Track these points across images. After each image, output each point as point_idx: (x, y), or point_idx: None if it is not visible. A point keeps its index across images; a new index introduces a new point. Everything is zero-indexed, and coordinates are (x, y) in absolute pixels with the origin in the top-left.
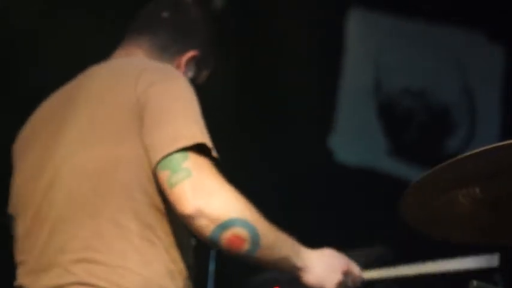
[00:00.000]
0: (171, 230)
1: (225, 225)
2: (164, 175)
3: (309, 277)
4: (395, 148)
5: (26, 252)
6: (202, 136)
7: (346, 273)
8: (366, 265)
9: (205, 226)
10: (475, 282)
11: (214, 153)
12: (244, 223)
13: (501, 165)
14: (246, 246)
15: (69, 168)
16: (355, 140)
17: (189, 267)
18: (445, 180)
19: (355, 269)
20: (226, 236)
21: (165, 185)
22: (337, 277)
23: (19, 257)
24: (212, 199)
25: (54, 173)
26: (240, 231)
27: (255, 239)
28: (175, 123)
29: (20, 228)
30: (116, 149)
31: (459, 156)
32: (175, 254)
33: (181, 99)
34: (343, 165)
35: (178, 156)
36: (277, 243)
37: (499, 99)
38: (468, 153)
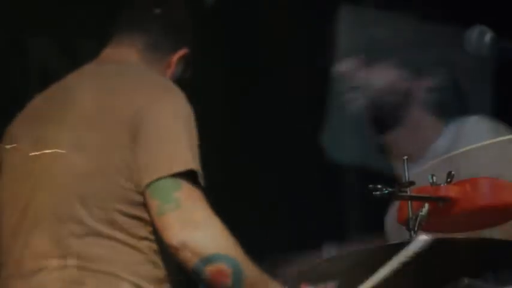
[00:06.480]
0: (156, 237)
1: (208, 260)
2: (154, 202)
3: None
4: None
5: (5, 254)
6: (194, 162)
7: None
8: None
9: (189, 259)
10: (466, 280)
11: (201, 181)
12: (228, 259)
13: None
14: (228, 282)
15: (58, 173)
16: (347, 138)
17: (176, 271)
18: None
19: None
20: (210, 270)
21: (154, 212)
22: None
23: (1, 257)
24: (198, 233)
25: (42, 175)
26: (224, 267)
27: (238, 275)
28: (169, 146)
29: (5, 228)
30: (106, 158)
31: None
32: (161, 259)
33: (177, 120)
34: (335, 164)
35: (169, 183)
36: (260, 282)
37: (489, 97)
38: None
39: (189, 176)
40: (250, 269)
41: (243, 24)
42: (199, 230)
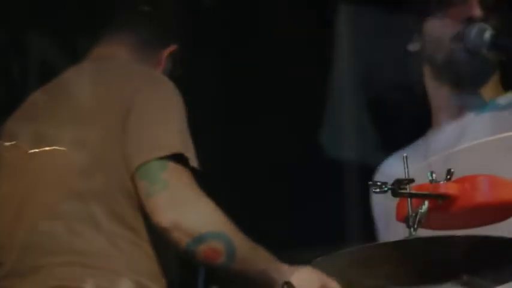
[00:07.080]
0: (153, 231)
1: (200, 239)
2: (142, 184)
3: None
4: (387, 143)
5: (3, 252)
6: (182, 146)
7: None
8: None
9: (180, 239)
10: (465, 277)
11: (194, 164)
12: (220, 236)
13: None
14: (221, 259)
15: (54, 170)
16: (347, 135)
17: (171, 267)
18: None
19: (334, 286)
20: (202, 249)
21: (142, 195)
22: None
23: None
24: (187, 212)
25: (40, 172)
26: (216, 244)
27: (231, 251)
28: (157, 131)
29: (1, 226)
30: (101, 153)
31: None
32: (157, 255)
33: (166, 107)
34: (334, 161)
35: (157, 165)
36: (254, 256)
37: None
38: None
39: (177, 159)
40: (242, 244)
41: (243, 24)
42: (189, 209)
